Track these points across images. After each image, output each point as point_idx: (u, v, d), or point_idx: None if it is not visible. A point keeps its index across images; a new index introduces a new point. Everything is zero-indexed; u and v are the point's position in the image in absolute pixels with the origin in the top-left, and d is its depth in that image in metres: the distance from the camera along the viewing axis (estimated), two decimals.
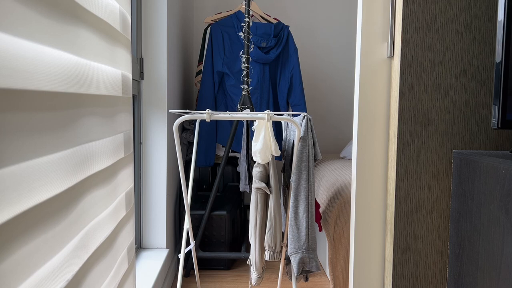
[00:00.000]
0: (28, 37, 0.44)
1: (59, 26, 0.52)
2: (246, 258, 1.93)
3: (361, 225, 1.05)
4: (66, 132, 0.54)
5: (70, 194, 0.56)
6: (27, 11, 0.44)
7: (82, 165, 0.60)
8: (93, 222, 0.66)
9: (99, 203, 0.69)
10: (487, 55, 0.96)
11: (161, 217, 1.86)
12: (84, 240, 0.61)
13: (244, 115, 1.41)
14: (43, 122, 0.47)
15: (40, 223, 0.47)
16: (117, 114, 0.81)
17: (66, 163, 0.54)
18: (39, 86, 0.46)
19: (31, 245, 0.45)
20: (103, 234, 0.71)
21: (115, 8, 0.79)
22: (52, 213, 0.50)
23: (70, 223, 0.55)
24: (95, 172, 0.67)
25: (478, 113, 0.97)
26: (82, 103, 0.60)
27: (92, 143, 0.65)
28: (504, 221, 0.72)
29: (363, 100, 1.04)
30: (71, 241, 0.56)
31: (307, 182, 1.27)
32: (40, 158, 0.47)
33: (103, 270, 0.71)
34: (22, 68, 0.42)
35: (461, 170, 0.88)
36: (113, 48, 0.78)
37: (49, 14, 0.49)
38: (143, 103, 1.82)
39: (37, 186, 0.46)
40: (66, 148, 0.54)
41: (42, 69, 0.47)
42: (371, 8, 1.01)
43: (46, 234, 0.48)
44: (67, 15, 0.55)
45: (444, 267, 0.99)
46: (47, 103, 0.48)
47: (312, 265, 1.26)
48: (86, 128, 0.62)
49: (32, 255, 0.45)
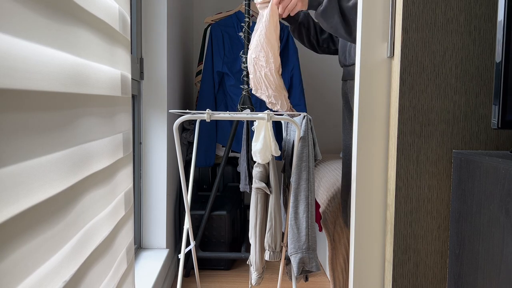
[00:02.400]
0: (26, 37, 0.44)
1: (57, 26, 0.52)
2: (246, 258, 1.93)
3: (361, 225, 1.05)
4: (64, 132, 0.54)
5: (69, 194, 0.55)
6: (26, 11, 0.44)
7: (80, 165, 0.60)
8: (92, 222, 0.66)
9: (98, 203, 0.69)
10: (487, 55, 0.96)
11: (161, 217, 1.86)
12: (83, 240, 0.61)
13: (244, 115, 1.41)
14: (41, 122, 0.47)
15: (39, 223, 0.47)
16: (116, 114, 0.81)
17: (65, 163, 0.54)
18: (38, 86, 0.46)
19: (30, 245, 0.45)
20: (102, 234, 0.71)
21: (114, 8, 0.79)
22: (51, 213, 0.50)
23: (69, 223, 0.55)
24: (94, 172, 0.67)
25: (478, 113, 0.97)
26: (81, 103, 0.60)
27: (91, 143, 0.65)
28: (504, 221, 0.72)
29: (363, 100, 1.04)
30: (70, 241, 0.56)
31: (307, 182, 1.27)
32: (39, 158, 0.47)
33: (102, 270, 0.71)
34: (20, 68, 0.42)
35: (461, 170, 0.88)
36: (112, 48, 0.77)
37: (48, 14, 0.49)
38: (143, 103, 1.82)
39: (35, 186, 0.46)
40: (65, 148, 0.54)
41: (40, 69, 0.47)
42: (371, 8, 1.01)
43: (45, 234, 0.48)
44: (65, 15, 0.54)
45: (444, 267, 0.99)
46: (46, 103, 0.48)
47: (312, 265, 1.26)
48: (85, 128, 0.62)
49: (30, 255, 0.45)
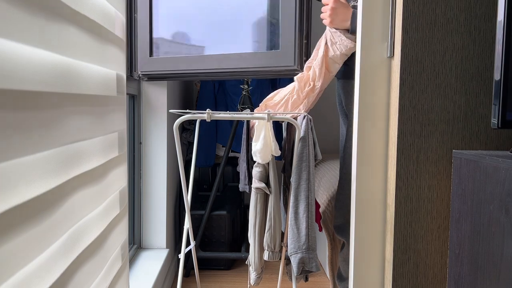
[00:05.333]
0: (14, 37, 0.43)
1: (47, 26, 0.52)
2: (246, 258, 1.93)
3: (361, 225, 1.05)
4: (52, 131, 0.53)
5: (56, 193, 0.55)
6: (11, 9, 0.43)
7: (69, 164, 0.59)
8: (82, 221, 0.65)
9: (89, 202, 0.69)
10: (487, 55, 0.96)
11: (161, 217, 1.86)
12: (73, 238, 0.61)
13: (244, 115, 1.41)
14: (25, 121, 0.46)
15: (23, 222, 0.46)
16: (110, 113, 0.81)
17: (51, 162, 0.53)
18: (21, 86, 0.45)
19: (14, 243, 0.44)
20: (93, 233, 0.70)
21: (108, 9, 0.79)
22: (36, 212, 0.49)
23: (56, 221, 0.55)
24: (84, 171, 0.66)
25: (478, 113, 0.97)
26: (70, 103, 0.60)
27: (81, 142, 0.64)
28: (504, 221, 0.72)
29: (363, 100, 1.04)
30: (58, 239, 0.55)
31: (307, 182, 1.27)
32: (22, 157, 0.46)
33: (94, 268, 0.70)
34: (7, 67, 0.42)
35: (461, 170, 0.88)
36: (105, 48, 0.77)
37: (37, 14, 0.49)
38: (143, 103, 1.82)
39: (19, 185, 0.45)
40: (51, 147, 0.53)
41: (27, 69, 0.46)
42: (371, 8, 1.01)
43: (30, 233, 0.48)
44: (56, 15, 0.54)
45: (444, 267, 0.99)
46: (32, 103, 0.48)
47: (312, 265, 1.26)
48: (75, 128, 0.62)
49: (14, 254, 0.44)
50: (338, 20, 1.28)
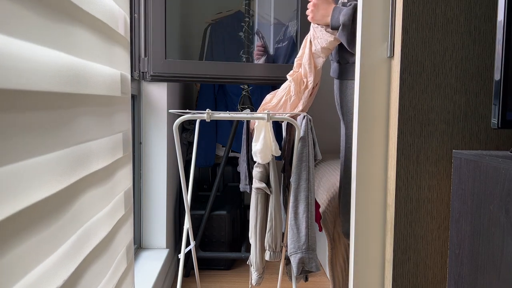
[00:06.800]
0: (22, 37, 0.44)
1: (55, 26, 0.52)
2: (246, 258, 1.93)
3: (361, 225, 1.05)
4: (62, 132, 0.54)
5: (66, 194, 0.55)
6: (23, 11, 0.43)
7: (78, 165, 0.60)
8: (90, 221, 0.66)
9: (96, 203, 0.69)
10: (487, 55, 0.96)
11: (161, 217, 1.86)
12: (81, 239, 0.61)
13: (244, 115, 1.41)
14: (37, 122, 0.47)
15: (35, 224, 0.46)
16: (115, 113, 0.81)
17: (61, 163, 0.54)
18: (33, 86, 0.46)
19: (25, 245, 0.44)
20: (100, 234, 0.71)
21: (114, 8, 0.79)
22: (47, 213, 0.50)
23: (66, 223, 0.55)
24: (92, 172, 0.66)
25: (478, 113, 0.97)
26: (79, 103, 0.60)
27: (88, 143, 0.65)
28: (504, 221, 0.72)
29: (363, 100, 1.04)
30: (67, 241, 0.56)
31: (307, 182, 1.27)
32: (34, 158, 0.46)
33: (101, 269, 0.70)
34: (16, 67, 0.42)
35: (461, 170, 0.88)
36: (111, 48, 0.77)
37: (45, 14, 0.49)
38: (143, 103, 1.82)
39: (31, 186, 0.45)
40: (62, 148, 0.54)
41: (37, 69, 0.46)
42: (371, 8, 1.01)
43: (41, 234, 0.48)
44: (63, 15, 0.54)
45: (444, 267, 0.99)
46: (42, 103, 0.48)
47: (312, 265, 1.26)
48: (83, 128, 0.62)
49: (27, 255, 0.45)
50: (319, 16, 1.30)
